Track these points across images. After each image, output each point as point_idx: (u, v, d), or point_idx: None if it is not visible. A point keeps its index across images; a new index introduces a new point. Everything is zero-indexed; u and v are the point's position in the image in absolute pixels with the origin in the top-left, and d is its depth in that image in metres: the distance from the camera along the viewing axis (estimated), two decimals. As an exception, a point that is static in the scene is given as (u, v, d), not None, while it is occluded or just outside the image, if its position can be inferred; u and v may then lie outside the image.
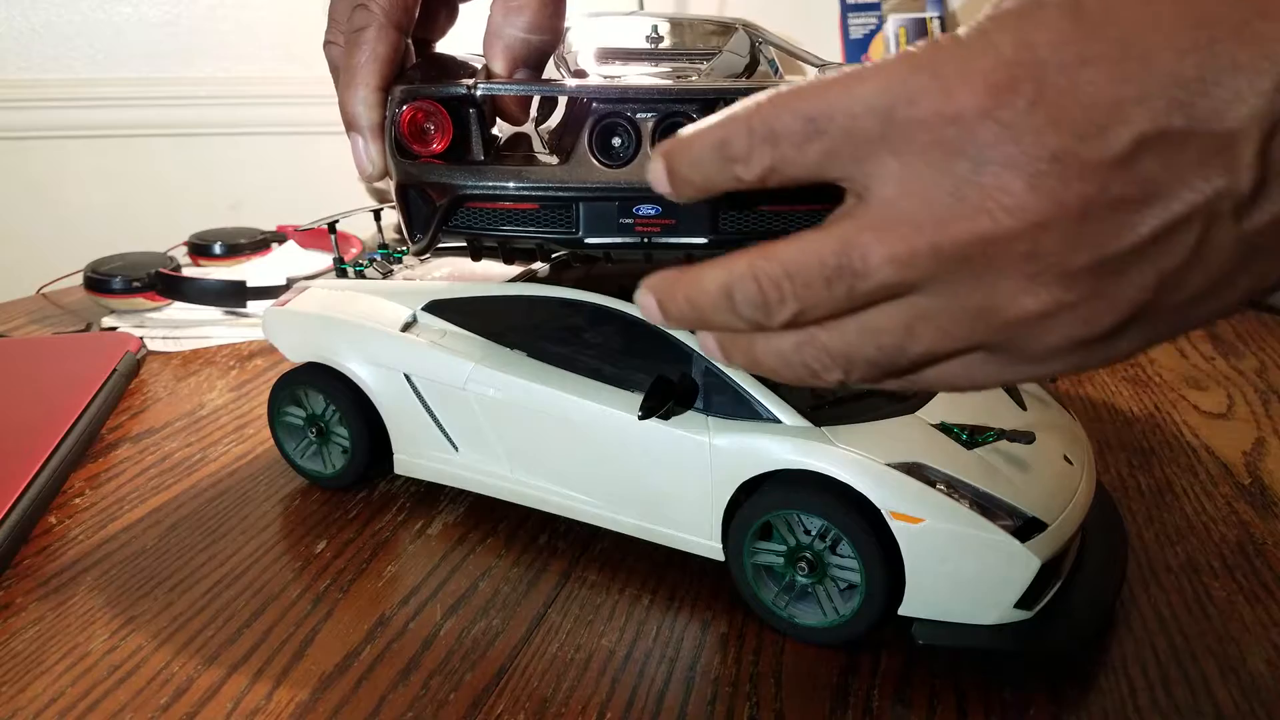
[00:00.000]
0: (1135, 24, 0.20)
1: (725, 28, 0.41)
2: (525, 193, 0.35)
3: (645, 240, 0.35)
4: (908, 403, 0.39)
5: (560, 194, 0.34)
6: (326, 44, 0.38)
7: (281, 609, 0.40)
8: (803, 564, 0.37)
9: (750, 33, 0.40)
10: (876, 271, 0.23)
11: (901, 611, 0.36)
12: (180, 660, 0.37)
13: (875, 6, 1.43)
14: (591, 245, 0.35)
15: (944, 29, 1.40)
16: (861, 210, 0.24)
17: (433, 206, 0.36)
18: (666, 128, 0.34)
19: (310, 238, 0.88)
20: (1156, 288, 0.22)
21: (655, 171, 0.27)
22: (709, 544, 0.40)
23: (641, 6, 1.42)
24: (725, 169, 0.25)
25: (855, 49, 1.44)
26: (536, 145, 0.37)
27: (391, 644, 0.38)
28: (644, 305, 0.29)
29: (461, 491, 0.49)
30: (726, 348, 0.28)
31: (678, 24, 0.42)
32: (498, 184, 0.35)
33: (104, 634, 0.39)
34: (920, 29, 1.40)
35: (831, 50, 1.43)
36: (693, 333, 0.39)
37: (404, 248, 0.55)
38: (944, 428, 0.38)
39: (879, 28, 1.43)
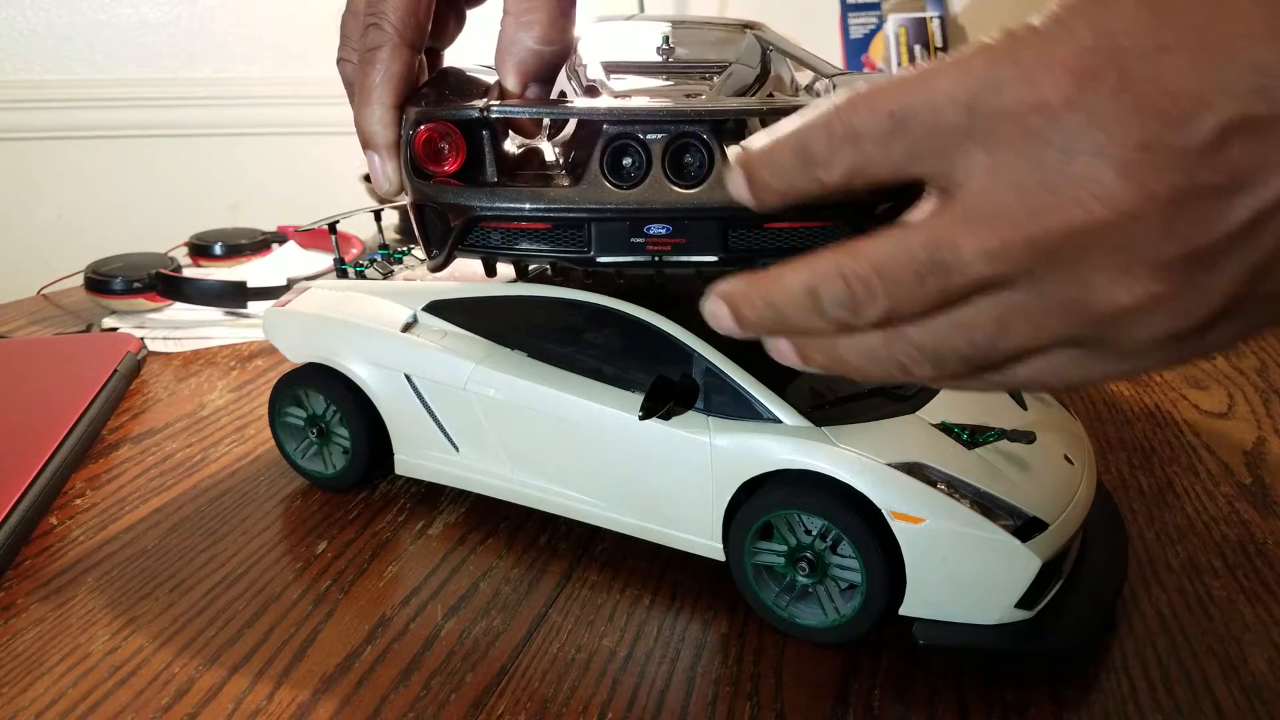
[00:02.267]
0: (1210, 11, 0.20)
1: (736, 32, 0.41)
2: (538, 213, 0.35)
3: (656, 258, 0.35)
4: (908, 403, 0.39)
5: (573, 215, 0.35)
6: (339, 61, 0.38)
7: (282, 609, 0.40)
8: (803, 564, 0.37)
9: (760, 38, 0.40)
10: (970, 266, 0.23)
11: (902, 611, 0.36)
12: (181, 661, 0.37)
13: (875, 6, 1.43)
14: (603, 263, 0.36)
15: (944, 29, 1.40)
16: (949, 205, 0.23)
17: (448, 225, 0.36)
18: (677, 149, 0.34)
19: (310, 238, 0.87)
20: (1248, 279, 0.21)
21: (735, 182, 0.27)
22: (710, 544, 0.40)
23: (642, 9, 1.42)
24: (807, 173, 0.25)
25: (855, 49, 1.44)
26: (549, 159, 0.38)
27: (392, 644, 0.38)
28: (714, 313, 0.28)
29: (462, 492, 0.49)
30: (804, 349, 0.28)
31: (688, 31, 0.42)
32: (511, 205, 0.35)
33: (105, 634, 0.39)
34: (920, 29, 1.40)
35: (831, 49, 1.43)
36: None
37: (404, 248, 0.55)
38: (945, 428, 0.38)
39: (879, 27, 1.43)
